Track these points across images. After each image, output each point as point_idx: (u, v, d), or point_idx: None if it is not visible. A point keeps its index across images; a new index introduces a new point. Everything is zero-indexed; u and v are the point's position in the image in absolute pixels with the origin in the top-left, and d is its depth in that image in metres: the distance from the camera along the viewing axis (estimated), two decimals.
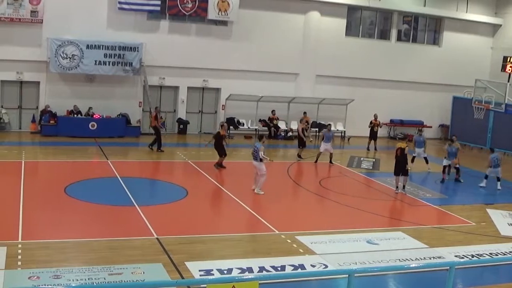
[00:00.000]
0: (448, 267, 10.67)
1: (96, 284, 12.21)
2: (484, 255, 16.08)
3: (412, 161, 26.53)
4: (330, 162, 27.36)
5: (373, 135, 31.98)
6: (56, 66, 29.50)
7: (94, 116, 30.25)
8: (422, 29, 38.67)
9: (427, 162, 27.03)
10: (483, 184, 24.50)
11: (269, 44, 33.73)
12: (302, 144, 28.53)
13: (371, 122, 32.04)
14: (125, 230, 16.19)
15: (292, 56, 34.34)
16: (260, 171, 20.64)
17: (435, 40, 38.86)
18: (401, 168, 22.38)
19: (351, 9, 36.10)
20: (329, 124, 29.83)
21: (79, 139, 28.58)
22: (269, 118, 33.91)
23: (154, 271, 13.21)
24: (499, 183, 24.34)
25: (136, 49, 30.78)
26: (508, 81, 29.83)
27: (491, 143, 33.76)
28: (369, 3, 35.61)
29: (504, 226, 19.24)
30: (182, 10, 31.29)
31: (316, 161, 27.35)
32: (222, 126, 25.74)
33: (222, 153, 24.61)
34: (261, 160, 20.64)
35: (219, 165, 24.60)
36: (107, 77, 30.86)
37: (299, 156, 28.20)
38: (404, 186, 22.74)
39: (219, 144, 24.61)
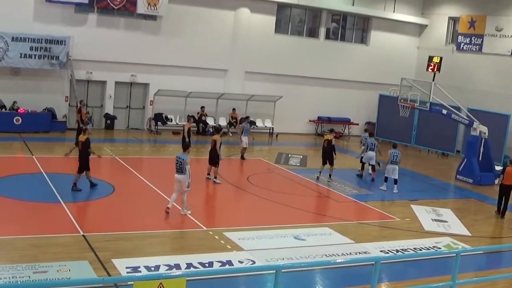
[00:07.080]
0: (374, 262, 10.90)
1: (21, 283, 11.94)
2: (409, 250, 16.54)
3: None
4: (242, 158, 27.35)
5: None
6: None
7: (18, 110, 29.46)
8: (350, 27, 39.23)
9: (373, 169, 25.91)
10: (383, 187, 23.87)
11: (198, 40, 33.55)
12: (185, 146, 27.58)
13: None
14: (50, 227, 15.89)
15: (222, 52, 34.27)
16: (184, 186, 17.97)
17: (363, 39, 39.50)
18: (327, 158, 24.43)
19: (281, 6, 36.29)
20: (248, 116, 29.89)
21: (2, 134, 27.80)
22: (198, 114, 33.73)
23: (80, 268, 13.04)
24: (396, 186, 23.69)
25: (63, 42, 30.11)
26: (433, 80, 30.51)
27: (416, 141, 34.69)
28: (298, 1, 35.88)
29: (428, 221, 19.83)
30: (111, 4, 30.79)
31: (242, 158, 27.30)
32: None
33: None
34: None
35: None
36: (32, 70, 30.05)
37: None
38: (330, 175, 24.60)
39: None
